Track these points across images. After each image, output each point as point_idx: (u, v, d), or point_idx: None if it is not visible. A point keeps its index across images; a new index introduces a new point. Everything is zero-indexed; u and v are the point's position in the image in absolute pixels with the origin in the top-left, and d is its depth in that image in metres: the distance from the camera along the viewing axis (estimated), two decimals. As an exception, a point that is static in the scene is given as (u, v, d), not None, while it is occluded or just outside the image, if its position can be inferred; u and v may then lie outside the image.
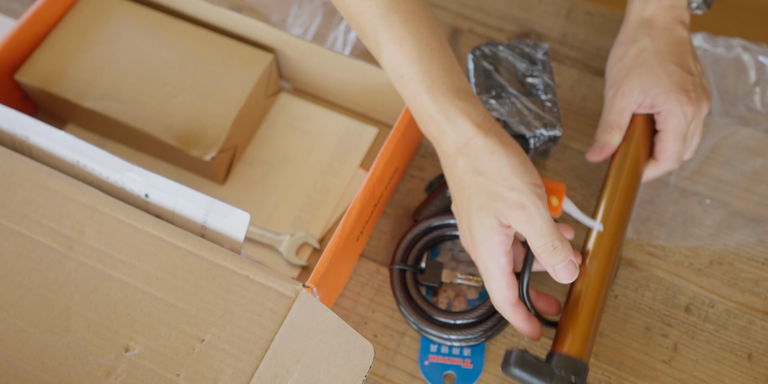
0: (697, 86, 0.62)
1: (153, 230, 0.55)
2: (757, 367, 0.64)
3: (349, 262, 0.64)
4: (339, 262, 0.59)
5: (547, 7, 0.82)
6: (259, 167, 0.71)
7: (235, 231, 0.57)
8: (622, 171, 0.63)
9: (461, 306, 0.66)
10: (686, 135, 0.63)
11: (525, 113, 0.66)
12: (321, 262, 0.56)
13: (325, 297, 0.59)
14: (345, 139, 0.73)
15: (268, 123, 0.74)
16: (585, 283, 0.58)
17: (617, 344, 0.65)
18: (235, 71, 0.68)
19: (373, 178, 0.60)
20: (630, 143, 0.64)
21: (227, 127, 0.66)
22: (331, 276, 0.58)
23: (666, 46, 0.63)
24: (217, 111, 0.66)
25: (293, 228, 0.69)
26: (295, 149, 0.72)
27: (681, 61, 0.62)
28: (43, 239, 0.55)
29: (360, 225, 0.61)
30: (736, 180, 0.72)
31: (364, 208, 0.60)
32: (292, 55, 0.70)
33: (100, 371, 0.51)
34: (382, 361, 0.64)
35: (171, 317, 0.52)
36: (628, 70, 0.63)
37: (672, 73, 0.62)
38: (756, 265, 0.68)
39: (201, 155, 0.65)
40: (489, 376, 0.63)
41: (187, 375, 0.50)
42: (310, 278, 0.55)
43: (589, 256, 0.60)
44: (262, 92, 0.70)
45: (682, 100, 0.61)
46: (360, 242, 0.65)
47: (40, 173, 0.57)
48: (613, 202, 0.62)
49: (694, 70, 0.63)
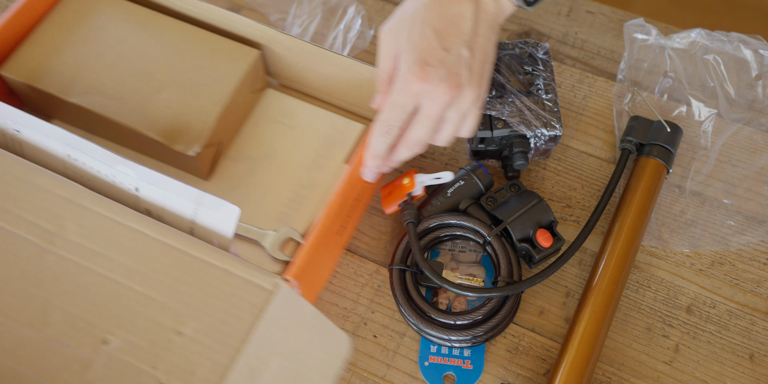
0: (449, 68, 0.55)
1: (134, 224, 0.55)
2: (758, 368, 0.64)
3: (332, 256, 0.64)
4: (320, 256, 0.59)
5: (548, 6, 0.82)
6: (244, 163, 0.71)
7: (224, 225, 0.57)
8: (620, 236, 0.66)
9: (461, 306, 0.66)
10: (400, 113, 0.57)
11: (525, 113, 0.66)
12: (300, 255, 0.56)
13: (307, 291, 0.60)
14: (331, 134, 0.73)
15: (254, 119, 0.73)
16: (585, 321, 0.62)
17: (618, 345, 0.65)
18: (221, 67, 0.68)
19: (354, 172, 0.60)
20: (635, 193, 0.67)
21: (212, 123, 0.65)
22: (312, 269, 0.58)
23: (440, 9, 0.56)
24: (201, 106, 0.66)
25: (278, 223, 0.69)
26: (280, 145, 0.72)
27: (444, 31, 0.56)
28: (23, 233, 0.55)
29: (340, 218, 0.61)
30: (737, 180, 0.72)
31: (344, 202, 0.60)
32: (278, 51, 0.70)
33: (77, 364, 0.51)
34: (381, 361, 0.64)
35: (150, 310, 0.52)
36: (400, 14, 0.58)
37: (426, 37, 0.56)
38: (758, 265, 0.68)
39: (185, 150, 0.65)
40: (489, 377, 0.63)
41: (165, 368, 0.51)
42: (290, 272, 0.55)
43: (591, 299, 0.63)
44: (247, 88, 0.70)
45: (413, 71, 0.55)
46: (343, 236, 0.65)
47: (21, 167, 0.57)
48: (612, 260, 0.65)
49: (456, 51, 0.56)
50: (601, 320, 0.62)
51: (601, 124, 0.75)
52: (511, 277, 0.63)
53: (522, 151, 0.67)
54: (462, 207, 0.66)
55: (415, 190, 0.65)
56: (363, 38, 0.78)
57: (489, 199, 0.66)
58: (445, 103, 0.56)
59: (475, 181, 0.66)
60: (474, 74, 0.56)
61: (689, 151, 0.73)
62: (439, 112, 0.57)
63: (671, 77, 0.76)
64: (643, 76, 0.77)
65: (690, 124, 0.74)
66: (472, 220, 0.64)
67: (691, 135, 0.74)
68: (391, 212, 0.67)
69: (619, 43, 0.80)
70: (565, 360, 0.61)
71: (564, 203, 0.71)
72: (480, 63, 0.57)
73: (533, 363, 0.64)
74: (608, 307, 0.63)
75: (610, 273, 0.64)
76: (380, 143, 0.59)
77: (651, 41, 0.77)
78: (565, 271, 0.68)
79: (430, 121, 0.57)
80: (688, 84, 0.75)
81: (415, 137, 0.59)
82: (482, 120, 0.66)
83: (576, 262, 0.68)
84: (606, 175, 0.72)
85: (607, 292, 0.63)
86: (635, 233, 0.66)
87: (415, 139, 0.59)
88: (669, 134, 0.69)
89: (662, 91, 0.76)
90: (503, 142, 0.68)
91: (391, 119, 0.57)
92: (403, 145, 0.60)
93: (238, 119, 0.72)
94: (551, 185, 0.72)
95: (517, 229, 0.63)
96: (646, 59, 0.77)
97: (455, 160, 0.73)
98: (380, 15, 0.81)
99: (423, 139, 0.59)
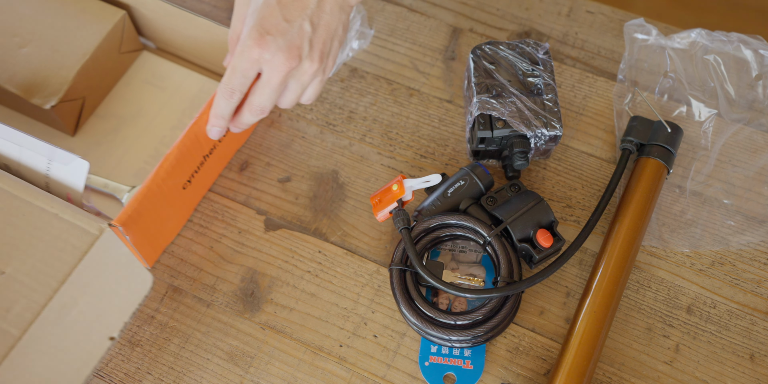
0: (289, 40, 0.56)
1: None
2: (759, 368, 0.64)
3: (176, 210, 0.67)
4: (158, 207, 0.62)
5: (548, 6, 0.82)
6: (111, 121, 0.75)
7: (76, 179, 0.60)
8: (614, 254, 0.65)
9: (462, 306, 0.66)
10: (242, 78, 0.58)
11: (526, 113, 0.66)
12: (129, 202, 0.59)
13: (144, 241, 0.63)
14: (198, 96, 0.76)
15: (126, 79, 0.77)
16: (584, 324, 0.62)
17: (618, 345, 0.65)
18: (86, 26, 0.71)
19: (195, 126, 0.62)
20: (633, 195, 0.67)
21: (70, 78, 0.69)
22: (147, 219, 0.62)
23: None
24: (62, 62, 0.69)
25: (136, 179, 0.72)
26: (149, 105, 0.76)
27: (288, 3, 0.57)
28: None
29: (182, 172, 0.64)
30: (737, 180, 0.72)
31: (183, 156, 0.63)
32: (146, 13, 0.73)
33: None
34: (382, 361, 0.64)
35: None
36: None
37: (270, 6, 0.57)
38: (758, 265, 0.68)
39: (41, 104, 0.68)
40: (489, 377, 0.63)
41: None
42: (116, 217, 0.58)
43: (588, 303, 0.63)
44: (114, 48, 0.73)
45: (252, 37, 0.56)
46: (190, 193, 0.68)
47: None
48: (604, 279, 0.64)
49: (298, 23, 0.57)
50: (602, 320, 0.62)
51: (601, 124, 0.75)
52: (511, 277, 0.63)
53: (522, 151, 0.67)
54: (462, 207, 0.66)
55: (405, 196, 0.65)
56: (363, 38, 0.78)
57: (489, 199, 0.66)
58: (284, 73, 0.58)
59: (476, 181, 0.66)
60: (315, 49, 0.58)
61: (689, 151, 0.73)
62: (278, 81, 0.58)
63: (671, 77, 0.76)
64: (643, 76, 0.77)
65: (690, 124, 0.74)
66: (473, 220, 0.64)
67: (691, 135, 0.74)
68: (383, 219, 0.67)
69: (619, 43, 0.80)
70: (566, 360, 0.61)
71: (564, 203, 0.71)
72: (322, 39, 0.58)
73: (533, 363, 0.64)
74: (608, 307, 0.63)
75: (611, 273, 0.64)
76: (224, 105, 0.60)
77: (651, 41, 0.77)
78: (565, 271, 0.68)
79: (270, 88, 0.59)
80: (688, 84, 0.75)
81: (257, 103, 0.60)
82: (483, 120, 0.66)
83: (576, 262, 0.68)
84: (606, 175, 0.72)
85: (608, 292, 0.63)
86: (635, 233, 0.66)
87: (257, 105, 0.60)
88: (669, 134, 0.69)
89: (662, 91, 0.76)
90: (503, 142, 0.68)
91: (233, 83, 0.59)
92: (246, 109, 0.61)
93: (107, 78, 0.75)
94: (551, 185, 0.72)
95: (518, 229, 0.63)
96: (646, 59, 0.77)
97: (455, 160, 0.73)
98: (380, 15, 0.81)
99: (265, 106, 0.60)
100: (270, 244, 0.69)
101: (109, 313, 0.60)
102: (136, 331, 0.65)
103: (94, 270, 0.56)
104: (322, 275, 0.68)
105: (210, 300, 0.67)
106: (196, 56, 0.77)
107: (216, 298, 0.67)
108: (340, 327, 0.66)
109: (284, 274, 0.68)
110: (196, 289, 0.67)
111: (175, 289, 0.67)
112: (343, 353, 0.65)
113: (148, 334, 0.65)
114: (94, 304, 0.57)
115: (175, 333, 0.65)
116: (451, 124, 0.75)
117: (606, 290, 0.63)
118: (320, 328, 0.66)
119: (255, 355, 0.65)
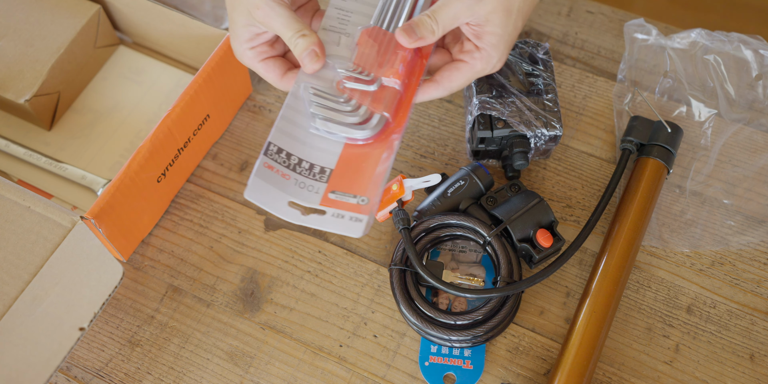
0: (508, 43, 0.57)
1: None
2: (759, 368, 0.64)
3: (151, 203, 0.67)
4: (132, 200, 0.63)
5: (548, 6, 0.82)
6: (88, 115, 0.75)
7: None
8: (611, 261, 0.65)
9: (462, 306, 0.66)
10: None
11: (526, 113, 0.66)
12: (102, 195, 0.59)
13: (119, 234, 0.64)
14: (175, 90, 0.76)
15: (102, 74, 0.77)
16: (585, 321, 0.62)
17: (618, 345, 0.65)
18: (60, 20, 0.71)
19: (167, 120, 0.63)
20: (635, 194, 0.67)
21: (45, 72, 0.69)
22: (121, 212, 0.62)
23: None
24: (36, 56, 0.70)
25: (112, 173, 0.72)
26: (125, 99, 0.76)
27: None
28: None
29: (156, 165, 0.64)
30: (737, 180, 0.72)
31: (156, 148, 0.63)
32: (120, 7, 0.74)
33: None
34: (382, 361, 0.64)
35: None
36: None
37: (509, 13, 0.55)
38: (758, 265, 0.68)
39: (15, 98, 0.68)
40: (489, 377, 0.63)
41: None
42: (89, 210, 0.59)
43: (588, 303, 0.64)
44: (90, 42, 0.73)
45: (502, 52, 0.56)
46: (165, 186, 0.68)
47: None
48: (605, 279, 0.64)
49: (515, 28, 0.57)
50: (602, 320, 0.62)
51: (601, 124, 0.75)
52: (511, 277, 0.63)
53: (522, 151, 0.67)
54: (462, 207, 0.66)
55: (405, 196, 0.65)
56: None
57: (489, 199, 0.66)
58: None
59: (476, 181, 0.66)
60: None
61: (689, 151, 0.73)
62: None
63: (671, 77, 0.76)
64: (643, 76, 0.77)
65: (690, 124, 0.74)
66: (473, 220, 0.64)
67: (691, 135, 0.74)
68: (382, 219, 0.67)
69: (619, 43, 0.80)
70: (566, 360, 0.61)
71: (564, 203, 0.71)
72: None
73: (533, 363, 0.64)
74: (608, 307, 0.63)
75: (611, 273, 0.64)
76: (429, 38, 0.56)
77: (651, 41, 0.77)
78: (565, 271, 0.68)
79: (465, 79, 0.58)
80: (688, 84, 0.75)
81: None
82: (483, 120, 0.66)
83: (576, 262, 0.68)
84: (606, 175, 0.72)
85: (608, 292, 0.63)
86: (635, 233, 0.66)
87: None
88: (669, 134, 0.69)
89: (662, 91, 0.76)
90: (503, 142, 0.68)
91: (439, 36, 0.56)
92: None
93: (83, 73, 0.75)
94: (551, 185, 0.72)
95: (518, 229, 0.63)
96: (646, 59, 0.77)
97: (455, 160, 0.73)
98: (380, 15, 0.81)
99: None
100: (270, 244, 0.69)
101: (79, 304, 0.61)
102: (136, 331, 0.65)
103: (66, 262, 0.56)
104: (322, 275, 0.68)
105: (210, 300, 0.67)
106: (173, 51, 0.77)
107: (216, 298, 0.67)
108: (340, 327, 0.66)
109: (284, 274, 0.68)
110: (196, 289, 0.67)
111: (175, 289, 0.67)
112: (343, 353, 0.65)
113: (148, 334, 0.65)
114: (65, 296, 0.58)
115: (175, 333, 0.65)
116: (451, 124, 0.75)
117: (606, 290, 0.63)
118: (320, 328, 0.66)
119: (255, 355, 0.65)
